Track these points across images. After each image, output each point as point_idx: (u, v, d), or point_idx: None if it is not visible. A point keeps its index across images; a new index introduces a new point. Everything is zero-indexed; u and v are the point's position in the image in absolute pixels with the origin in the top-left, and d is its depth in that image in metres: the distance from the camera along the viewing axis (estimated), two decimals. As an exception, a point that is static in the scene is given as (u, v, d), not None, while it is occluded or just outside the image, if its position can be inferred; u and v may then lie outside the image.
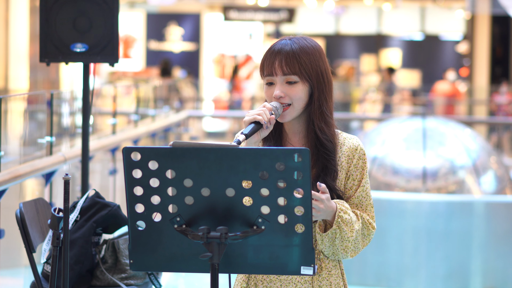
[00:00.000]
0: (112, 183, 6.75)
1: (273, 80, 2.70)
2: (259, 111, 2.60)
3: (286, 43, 2.70)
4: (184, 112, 11.54)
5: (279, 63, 2.67)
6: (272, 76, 2.69)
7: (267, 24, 22.20)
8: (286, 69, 2.67)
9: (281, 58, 2.68)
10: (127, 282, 3.81)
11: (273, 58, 2.69)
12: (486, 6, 16.56)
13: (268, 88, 2.71)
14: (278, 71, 2.68)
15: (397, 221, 6.70)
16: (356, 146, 2.73)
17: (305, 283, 2.69)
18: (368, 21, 24.65)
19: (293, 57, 2.67)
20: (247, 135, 2.57)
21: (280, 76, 2.68)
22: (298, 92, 2.68)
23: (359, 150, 2.72)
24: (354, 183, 2.71)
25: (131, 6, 22.39)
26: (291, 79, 2.68)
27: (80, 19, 4.45)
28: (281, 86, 2.68)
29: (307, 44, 2.71)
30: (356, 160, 2.71)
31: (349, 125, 14.06)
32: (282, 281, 2.70)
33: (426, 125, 7.53)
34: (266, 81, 2.71)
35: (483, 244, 6.64)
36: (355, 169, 2.71)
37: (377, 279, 6.70)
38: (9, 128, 5.49)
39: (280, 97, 2.68)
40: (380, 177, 7.29)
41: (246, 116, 2.61)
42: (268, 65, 2.69)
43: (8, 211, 4.73)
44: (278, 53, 2.69)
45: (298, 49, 2.68)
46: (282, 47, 2.69)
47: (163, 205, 2.34)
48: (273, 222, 2.33)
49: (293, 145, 2.74)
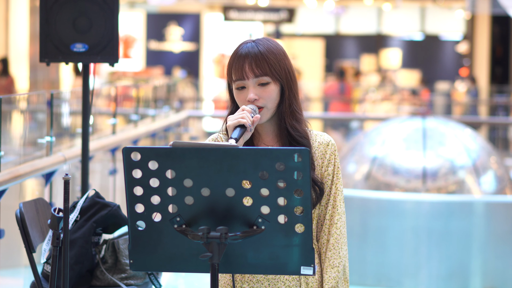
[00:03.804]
0: (112, 183, 6.75)
1: (244, 84, 2.69)
2: (241, 115, 2.60)
3: (251, 45, 2.70)
4: (184, 112, 11.54)
5: (249, 66, 2.68)
6: (243, 80, 2.69)
7: (267, 24, 22.21)
8: (257, 71, 2.68)
9: (250, 61, 2.68)
10: (127, 282, 3.81)
11: (242, 61, 2.69)
12: (486, 6, 16.56)
13: (239, 92, 2.71)
14: (250, 74, 2.68)
15: (397, 221, 6.71)
16: (327, 141, 2.76)
17: (293, 280, 2.70)
18: (368, 21, 24.66)
19: (262, 59, 2.68)
20: (237, 139, 2.57)
21: (252, 79, 2.68)
22: (271, 93, 2.69)
23: (331, 145, 2.75)
24: (328, 177, 2.73)
25: (131, 6, 22.40)
26: (263, 80, 2.68)
27: (80, 19, 4.46)
28: (254, 89, 2.68)
29: (271, 45, 2.72)
30: (329, 156, 2.74)
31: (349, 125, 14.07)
32: (270, 280, 2.70)
33: (426, 125, 7.53)
34: (236, 86, 2.70)
35: (483, 244, 6.64)
36: (328, 163, 2.73)
37: (377, 279, 6.70)
38: (9, 128, 5.49)
39: (254, 99, 2.68)
40: (380, 177, 7.29)
41: (229, 121, 2.61)
42: (238, 69, 2.69)
43: (8, 211, 4.73)
44: (246, 57, 2.68)
45: (265, 50, 2.69)
46: (249, 50, 2.69)
47: (163, 205, 2.34)
48: (273, 222, 2.33)
49: (266, 145, 2.75)
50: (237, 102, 2.72)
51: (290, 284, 2.71)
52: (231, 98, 2.77)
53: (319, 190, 2.70)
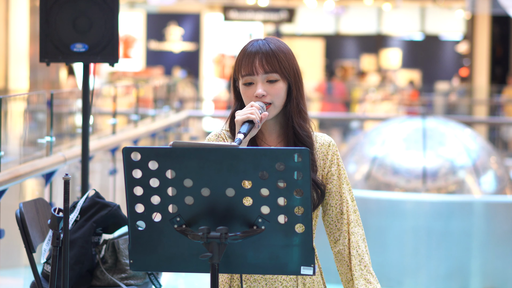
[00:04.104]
0: (112, 183, 6.75)
1: (253, 79, 2.70)
2: (250, 110, 2.61)
3: (262, 43, 2.72)
4: (184, 112, 11.54)
5: (260, 62, 2.69)
6: (253, 76, 2.70)
7: (267, 24, 22.20)
8: (267, 67, 2.69)
9: (260, 57, 2.69)
10: (127, 282, 3.81)
11: (252, 57, 2.70)
12: (486, 6, 16.56)
13: (247, 88, 2.72)
14: (260, 69, 2.69)
15: (397, 221, 6.70)
16: (328, 142, 2.78)
17: (290, 280, 2.71)
18: (368, 21, 24.65)
19: (272, 56, 2.69)
20: (245, 134, 2.58)
21: (261, 75, 2.69)
22: (279, 91, 2.70)
23: (332, 146, 2.77)
24: (333, 177, 2.74)
25: (131, 6, 22.39)
26: (272, 77, 2.70)
27: (80, 19, 4.45)
28: (262, 85, 2.70)
29: (281, 44, 2.74)
30: (330, 156, 2.75)
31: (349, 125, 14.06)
32: (267, 280, 2.71)
33: (426, 125, 7.52)
34: (245, 81, 2.71)
35: (483, 244, 6.64)
36: (330, 164, 2.75)
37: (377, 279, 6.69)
38: (9, 128, 5.49)
39: (262, 95, 2.69)
40: (380, 177, 7.29)
41: (237, 116, 2.61)
42: (247, 65, 2.70)
43: (8, 211, 4.73)
44: (257, 53, 2.70)
45: (275, 48, 2.71)
46: (260, 47, 2.71)
47: (163, 205, 2.34)
48: (273, 222, 2.33)
49: (268, 145, 2.77)
50: (244, 98, 2.73)
51: (288, 285, 2.71)
52: (236, 95, 2.77)
53: (320, 191, 2.71)
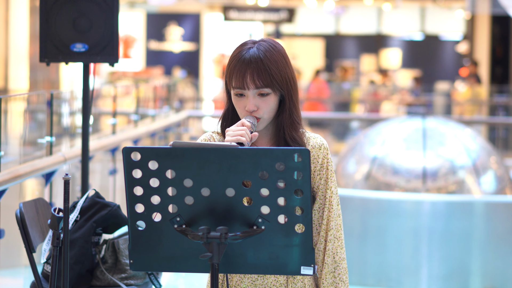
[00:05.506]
0: (112, 183, 6.75)
1: (243, 92, 2.65)
2: (241, 132, 2.55)
3: (254, 52, 2.64)
4: (184, 112, 11.53)
5: (251, 76, 2.63)
6: (243, 90, 2.65)
7: (267, 24, 22.21)
8: (259, 82, 2.63)
9: (252, 71, 2.63)
10: (127, 282, 3.81)
11: (243, 70, 2.63)
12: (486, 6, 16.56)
13: (238, 99, 2.67)
14: (251, 85, 2.64)
15: (397, 221, 6.70)
16: (320, 145, 2.72)
17: (280, 286, 2.69)
18: (368, 21, 24.66)
19: (264, 70, 2.63)
20: None
21: (252, 90, 2.65)
22: (270, 104, 2.66)
23: (323, 149, 2.72)
24: (321, 182, 2.70)
25: (131, 6, 22.39)
26: (264, 91, 2.65)
27: (80, 19, 4.45)
28: (253, 99, 2.65)
29: (273, 51, 2.66)
30: (321, 160, 2.71)
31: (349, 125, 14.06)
32: (257, 286, 2.69)
33: (426, 125, 7.52)
34: (236, 93, 2.67)
35: (483, 244, 6.64)
36: (321, 168, 2.70)
37: (377, 279, 6.70)
38: (9, 128, 5.49)
39: (253, 110, 2.66)
40: (380, 177, 7.29)
41: (228, 136, 2.56)
42: (238, 78, 2.64)
43: (8, 211, 4.73)
44: (248, 66, 2.63)
45: (267, 59, 2.63)
46: (251, 58, 2.63)
47: (163, 205, 2.34)
48: (273, 222, 2.33)
49: None
50: (235, 107, 2.69)
51: (277, 284, 2.70)
52: (228, 97, 2.75)
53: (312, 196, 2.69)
